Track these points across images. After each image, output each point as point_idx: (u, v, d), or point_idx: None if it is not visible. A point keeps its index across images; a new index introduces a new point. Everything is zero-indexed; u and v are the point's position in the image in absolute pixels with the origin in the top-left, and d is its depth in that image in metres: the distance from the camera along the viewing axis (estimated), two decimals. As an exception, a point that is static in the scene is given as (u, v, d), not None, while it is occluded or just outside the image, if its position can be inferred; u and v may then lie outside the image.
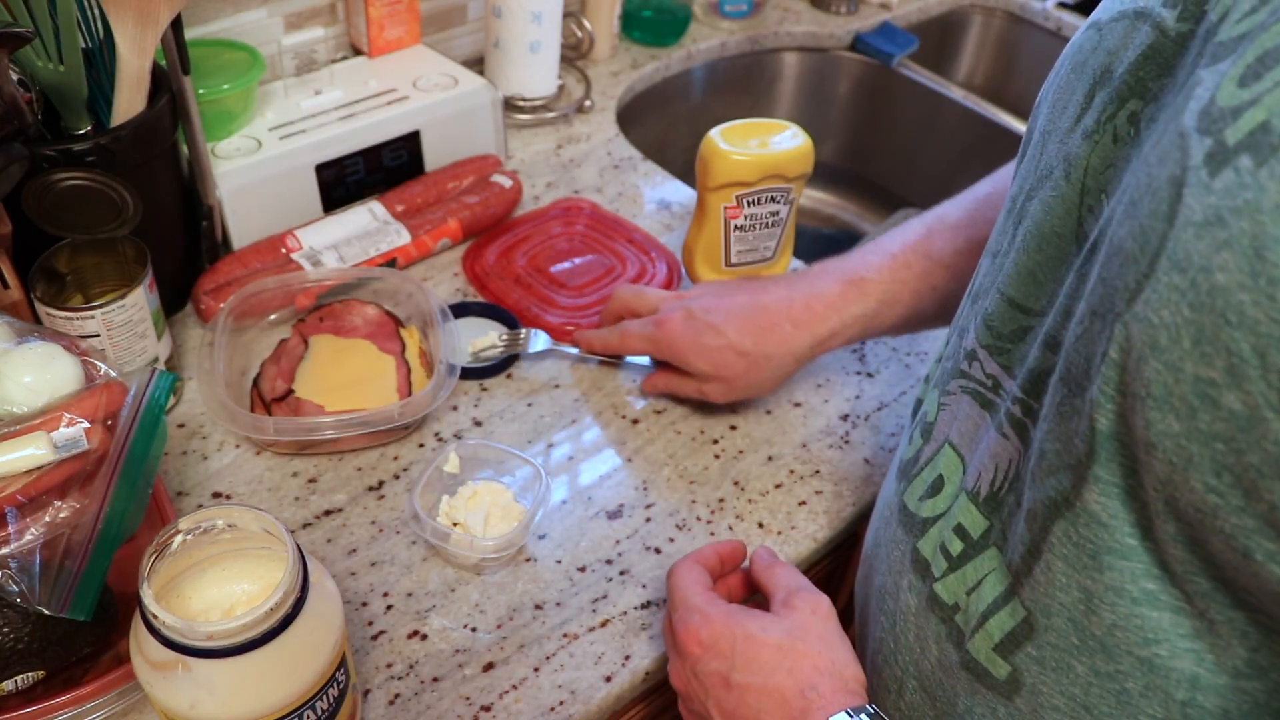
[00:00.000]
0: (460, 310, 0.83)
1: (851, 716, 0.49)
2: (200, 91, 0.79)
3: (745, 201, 0.77)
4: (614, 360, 0.81)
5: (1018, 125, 1.24)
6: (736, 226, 0.78)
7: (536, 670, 0.61)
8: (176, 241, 0.81)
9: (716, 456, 0.75)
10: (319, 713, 0.50)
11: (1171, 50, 0.41)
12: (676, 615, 0.56)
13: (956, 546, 0.49)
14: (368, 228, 0.86)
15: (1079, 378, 0.39)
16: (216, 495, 0.69)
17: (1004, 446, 0.46)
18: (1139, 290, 0.34)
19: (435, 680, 0.60)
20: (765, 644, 0.52)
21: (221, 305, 0.77)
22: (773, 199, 0.77)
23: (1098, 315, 0.37)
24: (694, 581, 0.57)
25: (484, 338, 0.81)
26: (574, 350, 0.80)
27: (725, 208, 0.77)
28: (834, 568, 0.82)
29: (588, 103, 1.10)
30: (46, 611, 0.50)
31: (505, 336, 0.80)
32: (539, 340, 0.80)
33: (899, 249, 0.70)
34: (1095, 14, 0.47)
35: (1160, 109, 0.40)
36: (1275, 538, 0.32)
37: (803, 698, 0.50)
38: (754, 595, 0.61)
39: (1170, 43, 0.41)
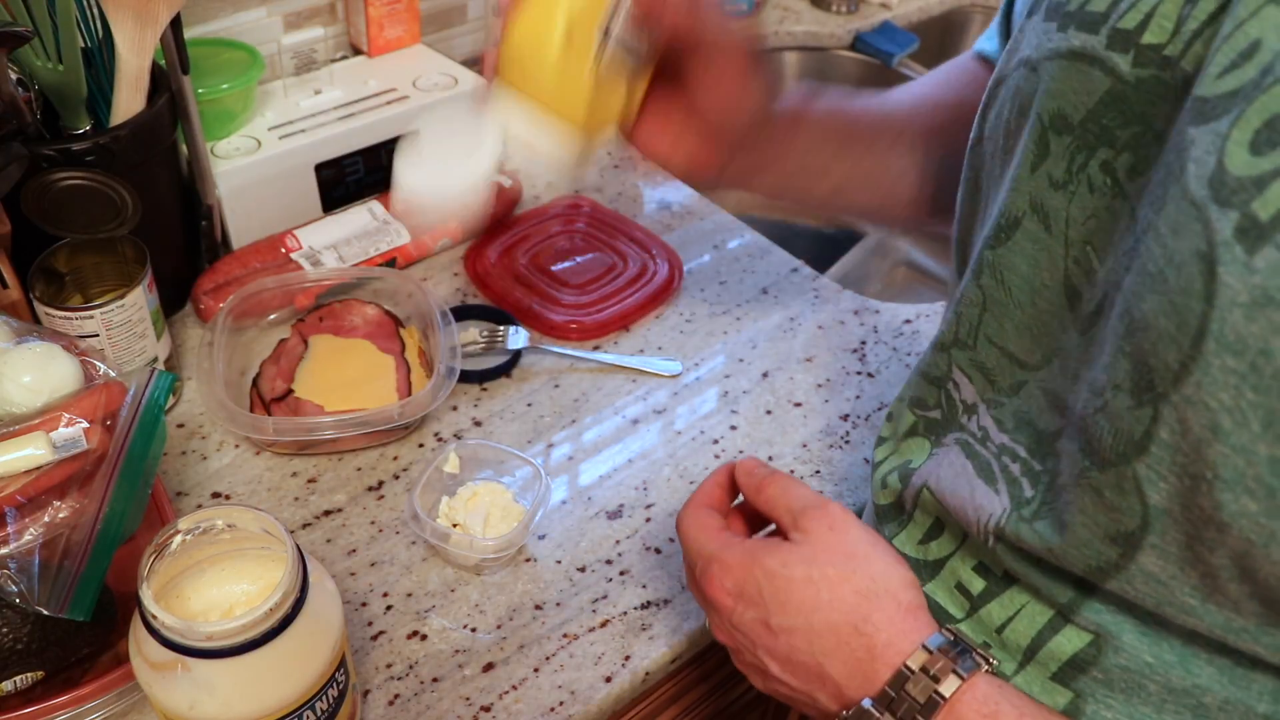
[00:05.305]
0: (461, 313, 0.83)
1: (930, 652, 0.43)
2: (200, 91, 0.79)
3: None
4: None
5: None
6: None
7: (536, 670, 0.61)
8: (176, 241, 0.80)
9: (716, 457, 0.75)
10: (319, 713, 0.50)
11: (1135, 97, 0.39)
12: (697, 569, 0.51)
13: (978, 585, 0.47)
14: (367, 227, 0.86)
15: (1104, 453, 0.38)
16: (216, 495, 0.69)
17: (991, 500, 0.45)
18: (1185, 372, 0.34)
19: (435, 680, 0.60)
20: (791, 580, 0.46)
21: (221, 305, 0.77)
22: None
23: (1125, 392, 0.36)
24: (703, 527, 0.52)
25: (465, 334, 0.81)
26: (556, 348, 0.81)
27: None
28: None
29: (587, 102, 1.10)
30: (45, 612, 0.50)
31: (485, 333, 0.81)
32: (519, 338, 0.81)
33: None
34: (1021, 50, 0.45)
35: (1141, 161, 0.39)
36: None
37: (859, 634, 0.45)
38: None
39: (1131, 89, 0.39)
